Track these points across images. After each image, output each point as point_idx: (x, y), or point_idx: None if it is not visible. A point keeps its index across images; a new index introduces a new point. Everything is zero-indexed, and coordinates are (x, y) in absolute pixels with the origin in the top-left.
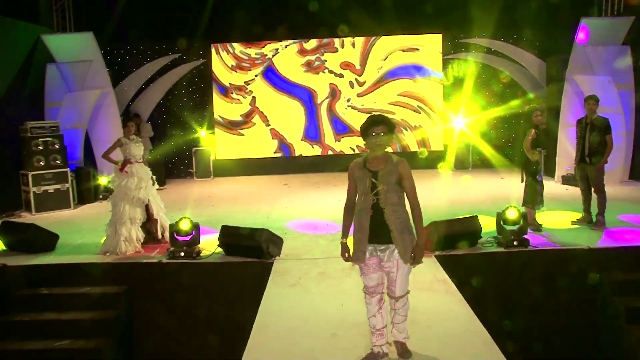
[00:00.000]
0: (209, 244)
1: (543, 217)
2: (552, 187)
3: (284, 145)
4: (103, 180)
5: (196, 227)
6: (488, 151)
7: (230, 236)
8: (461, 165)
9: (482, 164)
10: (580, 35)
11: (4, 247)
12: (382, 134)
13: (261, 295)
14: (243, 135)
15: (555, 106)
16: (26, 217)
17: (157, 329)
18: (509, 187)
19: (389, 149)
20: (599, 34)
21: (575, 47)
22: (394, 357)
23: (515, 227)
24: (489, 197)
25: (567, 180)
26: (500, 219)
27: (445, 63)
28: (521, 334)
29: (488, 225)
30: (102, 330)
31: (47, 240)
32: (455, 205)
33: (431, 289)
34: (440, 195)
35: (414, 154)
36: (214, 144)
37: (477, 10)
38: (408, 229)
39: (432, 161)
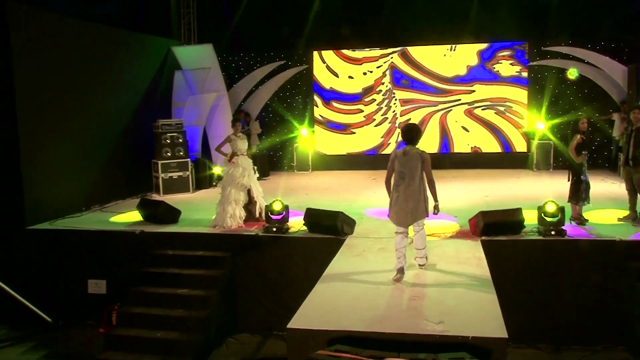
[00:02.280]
0: (297, 223)
1: (595, 213)
2: (615, 187)
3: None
4: (216, 170)
5: (286, 208)
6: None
7: (313, 216)
8: (543, 166)
9: (563, 166)
10: None
11: (141, 218)
12: None
13: None
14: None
15: None
16: (155, 198)
17: (252, 285)
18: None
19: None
20: None
21: None
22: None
23: (554, 219)
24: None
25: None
26: (541, 212)
27: (530, 70)
28: (539, 310)
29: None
30: (211, 283)
31: (172, 214)
32: (515, 200)
33: (466, 263)
34: (505, 192)
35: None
36: (313, 140)
37: (561, 18)
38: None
39: (514, 162)
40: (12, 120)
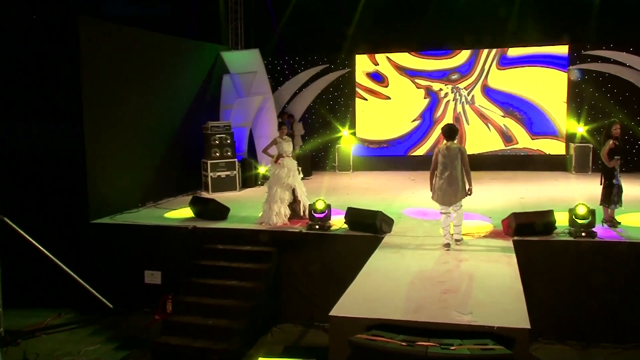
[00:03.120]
0: (338, 221)
1: (628, 216)
2: None
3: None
4: (261, 170)
5: (328, 207)
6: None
7: (353, 215)
8: (581, 168)
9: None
10: None
11: (192, 214)
12: None
13: None
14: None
15: None
16: (203, 195)
17: (295, 279)
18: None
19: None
20: None
21: None
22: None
23: (585, 221)
24: (589, 196)
25: None
26: (572, 214)
27: (571, 73)
28: (569, 308)
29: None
30: (258, 276)
31: (222, 211)
32: (550, 202)
33: (497, 261)
34: (541, 194)
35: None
36: (355, 142)
37: (602, 21)
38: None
39: (554, 165)
40: (79, 123)
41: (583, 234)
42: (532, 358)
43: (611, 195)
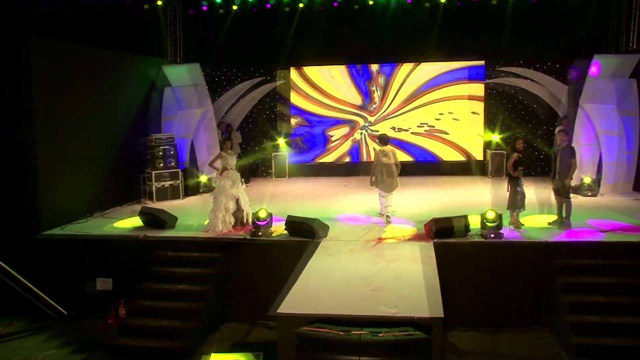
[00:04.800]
0: (279, 228)
1: (532, 218)
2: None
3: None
4: (203, 178)
5: (270, 215)
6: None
7: (293, 223)
8: (497, 173)
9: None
10: (593, 69)
11: (142, 224)
12: None
13: None
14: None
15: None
16: (149, 204)
17: (240, 281)
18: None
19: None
20: (609, 69)
21: (588, 79)
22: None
23: (494, 224)
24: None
25: (575, 190)
26: (483, 218)
27: (486, 87)
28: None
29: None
30: (207, 280)
31: (171, 220)
32: (467, 205)
33: (419, 261)
34: (460, 198)
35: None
36: (289, 149)
37: (512, 41)
38: None
39: (473, 170)
40: (31, 138)
41: (492, 235)
42: (449, 344)
43: (516, 201)
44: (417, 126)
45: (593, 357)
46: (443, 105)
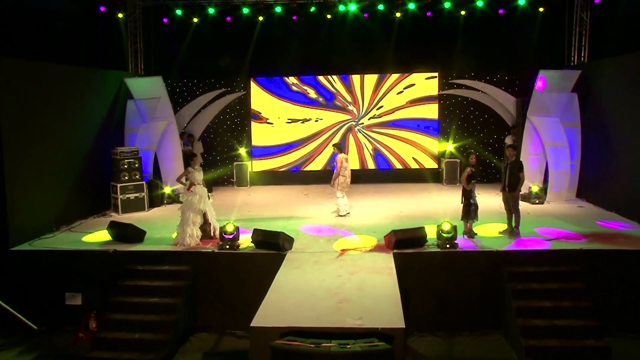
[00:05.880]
0: (245, 241)
1: (484, 227)
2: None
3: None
4: (167, 190)
5: (237, 229)
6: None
7: (259, 236)
8: (451, 180)
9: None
10: (539, 84)
11: (110, 238)
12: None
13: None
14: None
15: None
16: (114, 217)
17: (209, 293)
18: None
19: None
20: (553, 83)
21: (534, 92)
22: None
23: (449, 235)
24: (455, 209)
25: (523, 198)
26: (439, 229)
27: (440, 97)
28: (438, 306)
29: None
30: (177, 292)
31: (139, 234)
32: (424, 214)
33: (380, 272)
34: (417, 207)
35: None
36: (250, 159)
37: (465, 54)
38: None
39: (428, 177)
40: None
41: (448, 245)
42: (409, 349)
43: (469, 212)
44: (375, 132)
45: (540, 358)
46: (401, 113)
